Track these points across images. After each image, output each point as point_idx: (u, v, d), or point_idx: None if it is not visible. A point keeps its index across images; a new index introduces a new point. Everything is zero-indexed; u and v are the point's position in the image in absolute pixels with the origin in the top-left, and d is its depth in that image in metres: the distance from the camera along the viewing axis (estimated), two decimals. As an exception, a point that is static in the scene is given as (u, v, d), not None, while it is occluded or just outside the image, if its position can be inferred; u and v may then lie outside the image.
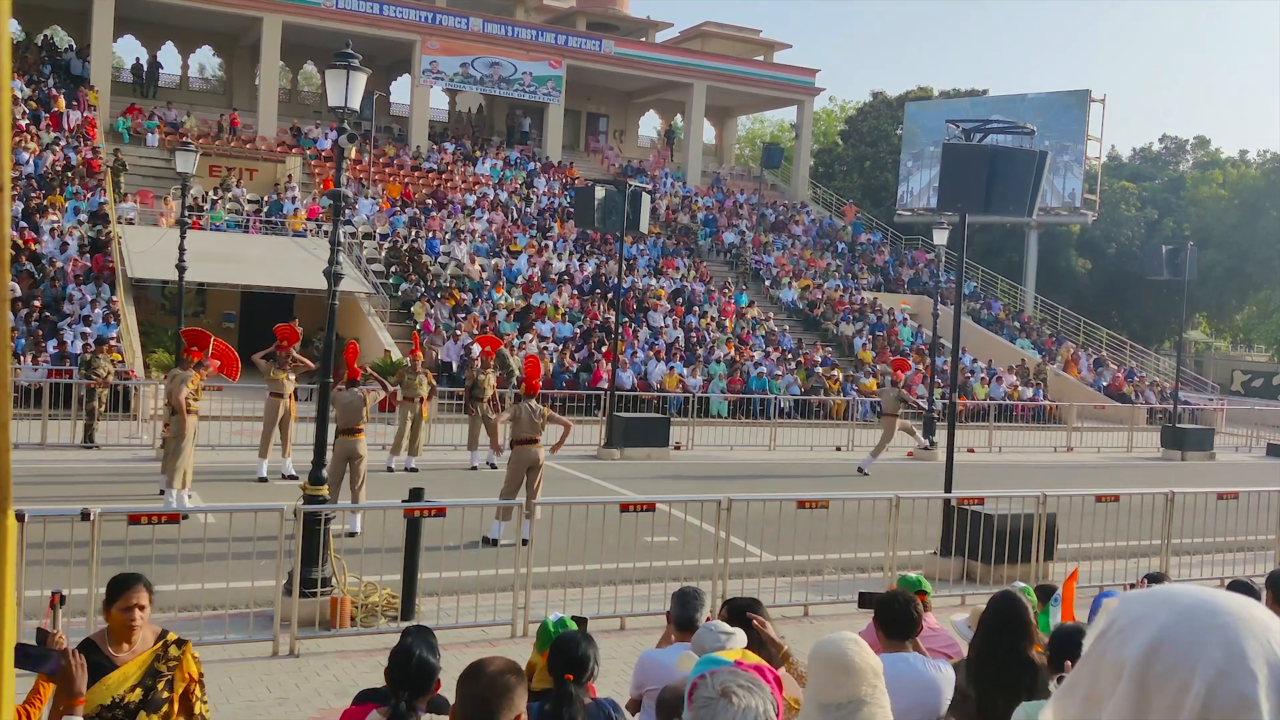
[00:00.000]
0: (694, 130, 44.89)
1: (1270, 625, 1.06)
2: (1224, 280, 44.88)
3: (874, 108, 54.30)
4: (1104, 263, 46.16)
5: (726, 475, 18.21)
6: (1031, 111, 37.86)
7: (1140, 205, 47.41)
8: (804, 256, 39.22)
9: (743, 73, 45.55)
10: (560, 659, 4.14)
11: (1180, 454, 24.98)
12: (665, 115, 51.32)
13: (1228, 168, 49.85)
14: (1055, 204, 41.27)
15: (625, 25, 46.43)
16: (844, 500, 11.02)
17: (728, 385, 26.75)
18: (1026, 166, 11.64)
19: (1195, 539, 12.11)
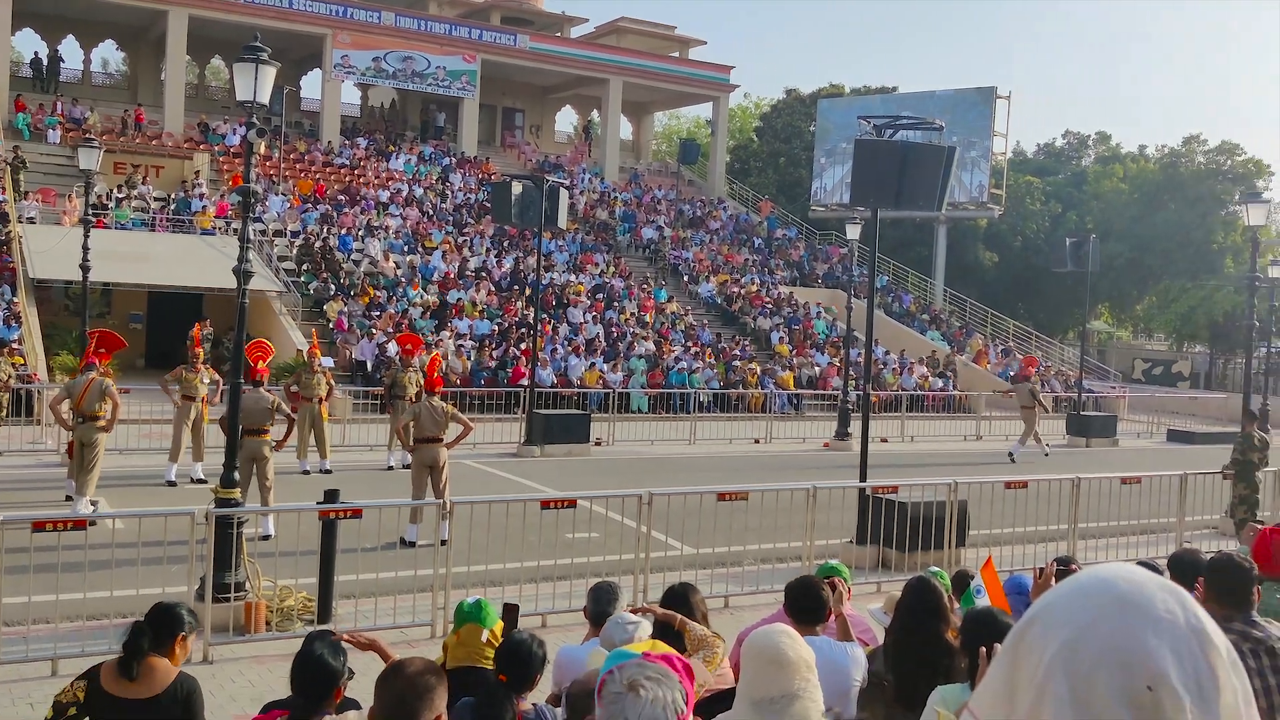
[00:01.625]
0: (611, 126, 44.91)
1: (1188, 609, 1.10)
2: (1125, 271, 46.28)
3: (788, 105, 54.89)
4: (1010, 255, 47.29)
5: (647, 470, 18.28)
6: (940, 108, 38.62)
7: (1044, 199, 48.67)
8: (721, 252, 39.51)
9: (659, 69, 45.70)
10: (503, 659, 4.12)
11: (1085, 441, 25.74)
12: (582, 111, 51.26)
13: (1128, 162, 51.42)
14: (963, 199, 42.19)
15: (540, 20, 46.25)
16: (763, 492, 11.15)
17: (648, 380, 26.84)
18: (935, 162, 11.88)
19: (1101, 523, 12.49)
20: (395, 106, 45.74)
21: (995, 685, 1.13)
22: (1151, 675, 1.03)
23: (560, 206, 20.52)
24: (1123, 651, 1.05)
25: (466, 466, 17.34)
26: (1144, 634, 1.05)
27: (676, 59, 47.60)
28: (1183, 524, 13.15)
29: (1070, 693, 1.05)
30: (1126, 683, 1.04)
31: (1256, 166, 46.51)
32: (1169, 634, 1.06)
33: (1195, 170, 47.03)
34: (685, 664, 2.69)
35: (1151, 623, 1.06)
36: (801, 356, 31.35)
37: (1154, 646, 1.05)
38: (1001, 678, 1.12)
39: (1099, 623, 1.07)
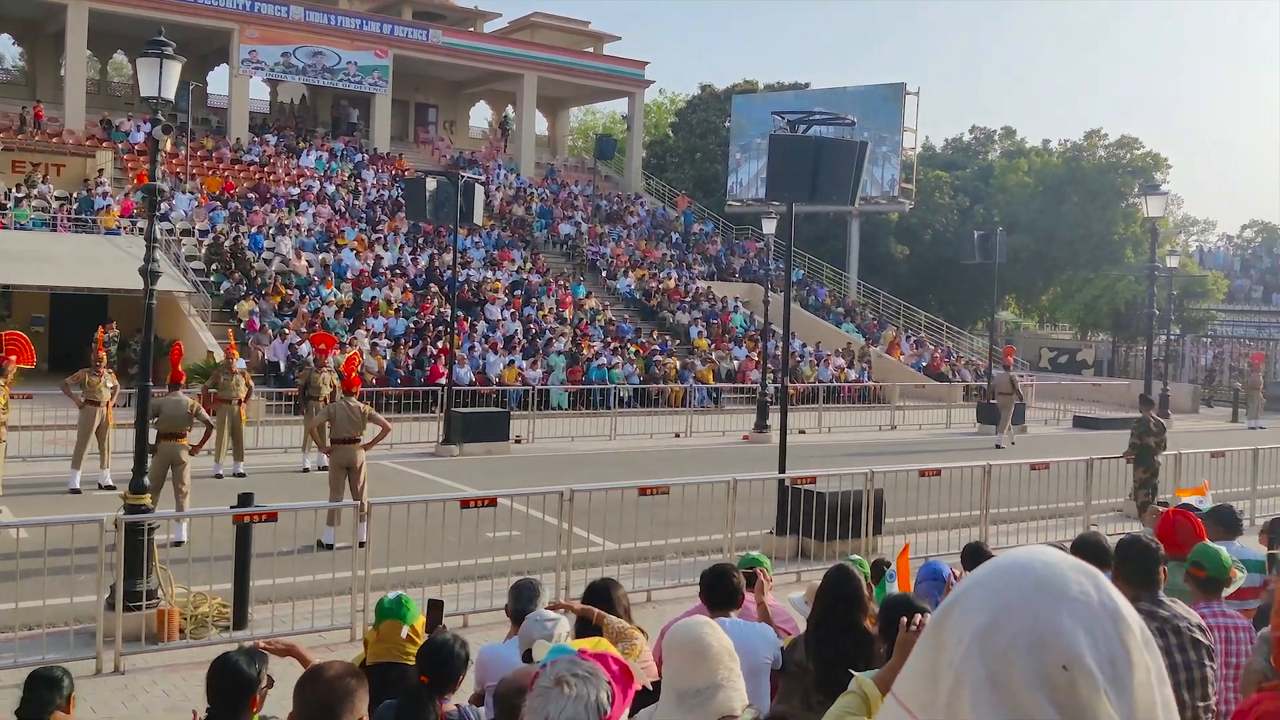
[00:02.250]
0: (526, 122, 44.70)
1: (1102, 590, 1.13)
2: (1031, 263, 47.44)
3: (703, 100, 55.17)
4: (921, 249, 48.19)
5: (568, 466, 18.25)
6: (851, 104, 39.17)
7: (953, 193, 49.67)
8: (639, 247, 39.59)
9: (573, 64, 45.60)
10: (425, 661, 4.08)
11: (995, 428, 26.33)
12: (497, 106, 50.93)
13: (1032, 156, 52.71)
14: (875, 193, 42.87)
15: (453, 15, 45.82)
16: (684, 485, 11.23)
17: (567, 377, 26.79)
18: (848, 157, 12.05)
19: (1011, 508, 12.82)
20: (306, 102, 44.94)
21: (918, 669, 1.15)
22: (1066, 655, 1.06)
23: (476, 203, 20.36)
24: (1038, 633, 1.07)
25: (384, 467, 17.14)
26: (1059, 615, 1.08)
27: (591, 54, 47.53)
28: (1089, 507, 13.54)
29: (988, 674, 1.07)
30: (1042, 663, 1.06)
31: (1154, 160, 48.03)
32: (1083, 614, 1.08)
33: (1096, 164, 48.38)
34: (623, 665, 2.70)
35: (1066, 604, 1.09)
36: (720, 350, 31.57)
37: (1068, 627, 1.07)
38: (924, 661, 1.14)
39: (1015, 605, 1.10)
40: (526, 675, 3.13)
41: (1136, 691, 1.07)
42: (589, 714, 2.41)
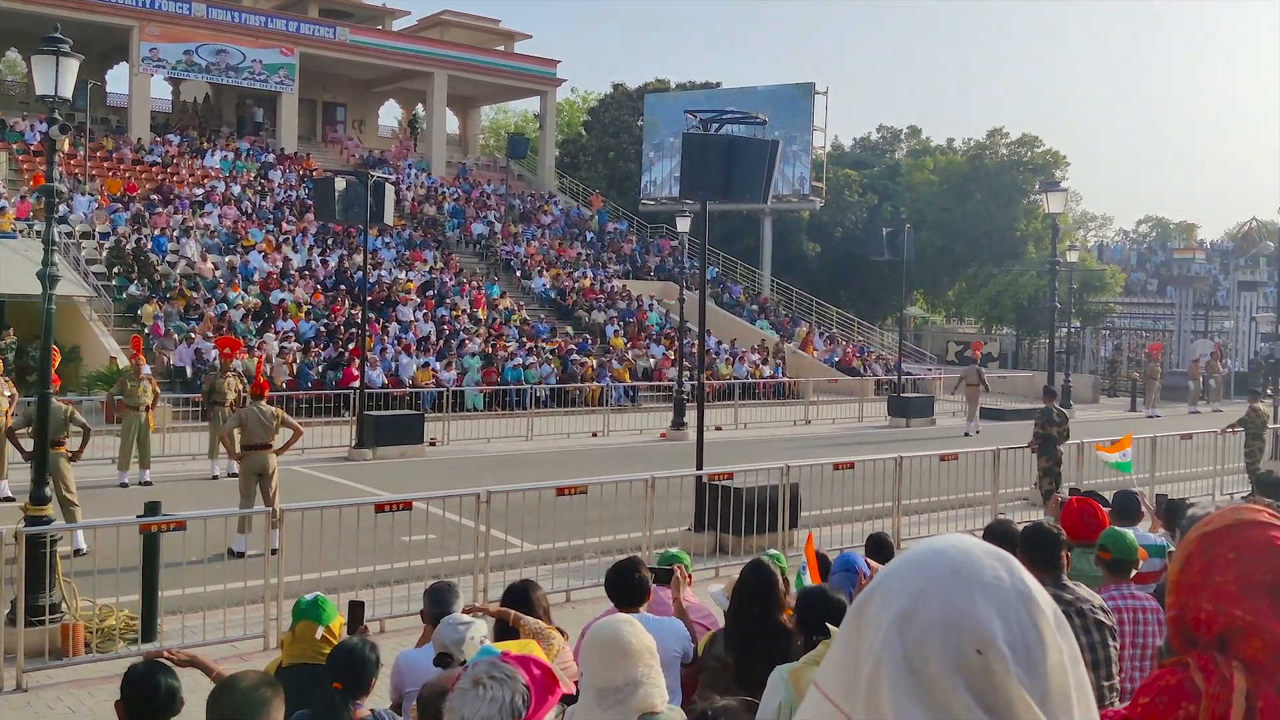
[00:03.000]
0: (436, 120, 44.28)
1: (1015, 574, 1.15)
2: (937, 259, 48.41)
3: (615, 99, 55.23)
4: (832, 246, 48.89)
5: (485, 468, 18.13)
6: (762, 103, 39.57)
7: (862, 191, 50.48)
8: (553, 246, 39.49)
9: (484, 62, 45.29)
10: (335, 666, 4.03)
11: (905, 421, 26.88)
12: (406, 105, 50.35)
13: (937, 155, 53.80)
14: (786, 191, 43.37)
15: (360, 12, 45.16)
16: (601, 484, 11.23)
17: (482, 378, 26.60)
18: (761, 155, 12.18)
19: (922, 499, 13.08)
20: (210, 101, 43.91)
21: (840, 658, 1.17)
22: (980, 639, 1.08)
23: (386, 202, 20.11)
24: (952, 618, 1.10)
25: (296, 472, 16.83)
26: (973, 600, 1.11)
27: (502, 53, 47.27)
28: (996, 496, 13.88)
29: (904, 660, 1.09)
30: (956, 647, 1.08)
31: (1054, 157, 49.36)
32: (996, 599, 1.11)
33: (999, 162, 49.56)
34: (545, 668, 2.70)
35: (980, 588, 1.11)
36: (636, 349, 31.65)
37: (982, 611, 1.10)
38: (845, 650, 1.16)
39: (931, 591, 1.12)
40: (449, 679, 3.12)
41: (1050, 673, 1.10)
42: (503, 715, 2.42)
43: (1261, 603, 1.57)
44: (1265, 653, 1.55)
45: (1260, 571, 1.59)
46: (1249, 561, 1.60)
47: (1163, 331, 47.92)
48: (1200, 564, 1.64)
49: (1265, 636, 1.55)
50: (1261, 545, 1.61)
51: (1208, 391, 34.96)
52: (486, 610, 4.99)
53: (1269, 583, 1.58)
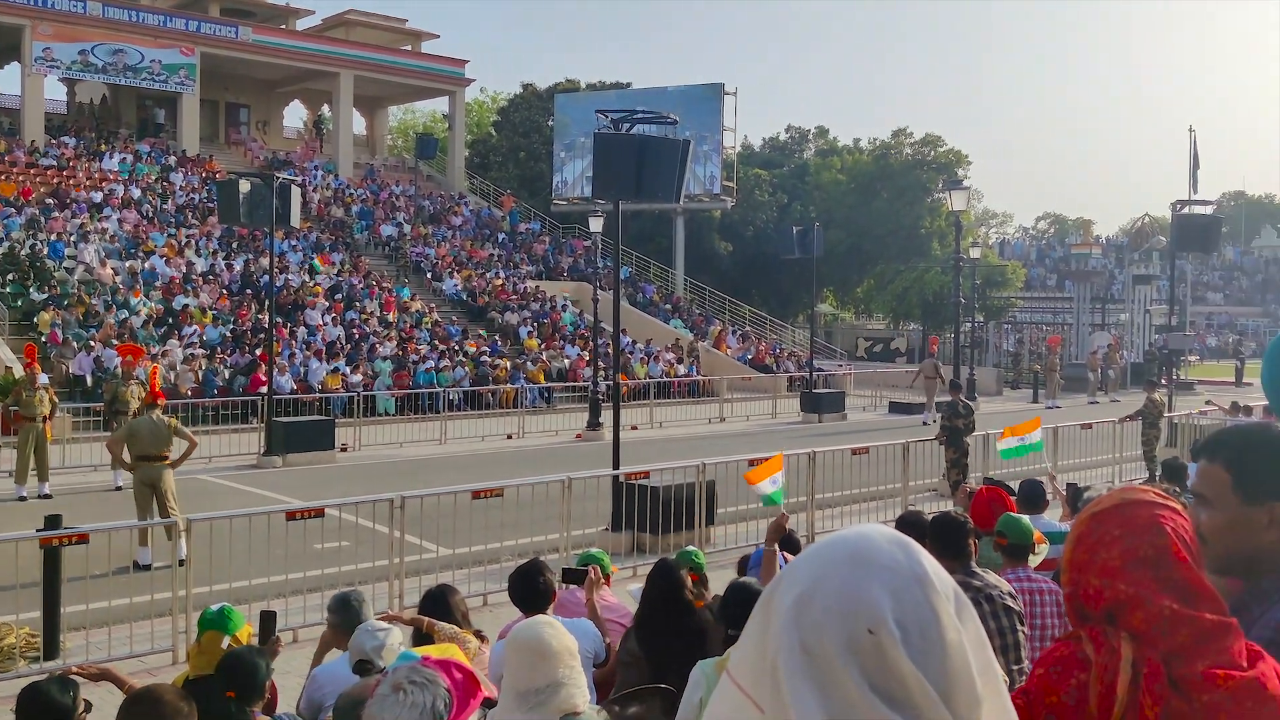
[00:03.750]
0: (343, 121, 43.62)
1: (912, 556, 1.18)
2: (846, 257, 49.14)
3: (525, 99, 54.97)
4: (743, 245, 49.32)
5: (398, 473, 17.92)
6: (672, 103, 39.73)
7: (772, 191, 51.01)
8: (465, 247, 39.18)
9: (391, 62, 44.74)
10: (226, 675, 3.96)
11: (818, 416, 27.26)
12: (312, 105, 49.50)
13: (844, 154, 54.61)
14: (698, 191, 43.66)
15: (263, 11, 44.26)
16: (518, 486, 11.17)
17: (394, 381, 26.27)
18: (672, 154, 12.23)
19: (835, 492, 13.28)
20: (107, 103, 42.60)
21: (749, 645, 1.19)
22: (872, 620, 1.11)
23: (292, 204, 19.74)
24: (847, 600, 1.12)
25: (203, 482, 16.45)
26: (867, 582, 1.14)
27: (409, 52, 46.75)
28: (907, 488, 14.16)
29: (801, 644, 1.12)
30: (850, 630, 1.11)
31: (956, 156, 50.47)
32: (891, 580, 1.14)
33: (903, 161, 50.50)
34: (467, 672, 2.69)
35: (876, 571, 1.15)
36: (550, 349, 31.56)
37: (875, 593, 1.13)
38: (754, 638, 1.19)
39: (828, 576, 1.15)
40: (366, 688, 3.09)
41: (949, 652, 1.13)
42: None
43: (1144, 576, 1.65)
44: (1148, 624, 1.62)
45: (1143, 547, 1.67)
46: (1133, 538, 1.68)
47: (1062, 324, 49.32)
48: (1089, 542, 1.72)
49: (1148, 608, 1.63)
50: (1145, 523, 1.69)
51: (1106, 382, 36.09)
52: (400, 618, 4.96)
53: (1152, 558, 1.66)
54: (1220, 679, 1.58)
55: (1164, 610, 1.62)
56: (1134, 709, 1.59)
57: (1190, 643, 1.61)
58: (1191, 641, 1.61)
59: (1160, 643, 1.61)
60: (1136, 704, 1.59)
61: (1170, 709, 1.58)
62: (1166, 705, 1.58)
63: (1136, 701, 1.59)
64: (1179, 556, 1.67)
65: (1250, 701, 1.57)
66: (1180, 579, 1.65)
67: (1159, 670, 1.59)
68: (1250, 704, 1.57)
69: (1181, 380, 33.49)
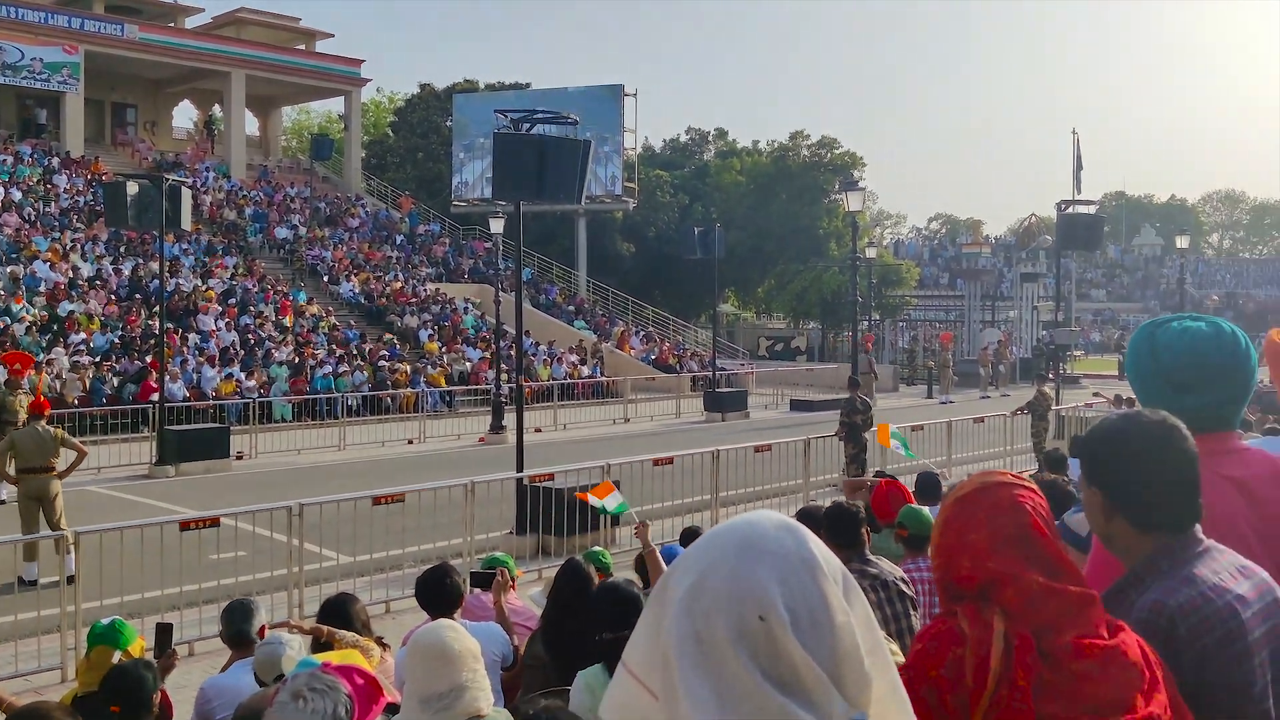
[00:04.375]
0: (235, 121, 42.59)
1: (801, 542, 1.21)
2: (747, 257, 49.70)
3: (422, 99, 54.38)
4: (646, 245, 49.55)
5: (296, 480, 17.58)
6: (573, 104, 39.59)
7: (673, 192, 51.35)
8: (362, 250, 38.58)
9: (284, 61, 43.85)
10: (110, 690, 3.86)
11: (721, 415, 27.53)
12: (202, 105, 48.23)
13: (744, 156, 55.25)
14: (599, 192, 43.72)
15: (150, 9, 42.97)
16: (419, 491, 11.05)
17: (291, 387, 25.72)
18: (573, 155, 12.21)
19: (739, 490, 13.44)
20: (-17, 101, 40.92)
21: (643, 635, 1.21)
22: (761, 605, 1.13)
23: (183, 207, 19.21)
24: (736, 588, 1.15)
25: (92, 493, 15.90)
26: (756, 569, 1.16)
27: (303, 51, 45.88)
28: (808, 484, 14.41)
29: (693, 633, 1.14)
30: (740, 617, 1.13)
31: (852, 158, 51.44)
32: (780, 567, 1.17)
33: (801, 163, 51.28)
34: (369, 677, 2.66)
35: (764, 557, 1.17)
36: (452, 353, 31.25)
37: (764, 579, 1.15)
38: (648, 628, 1.20)
39: (718, 564, 1.18)
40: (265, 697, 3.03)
41: (838, 634, 1.16)
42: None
43: (1012, 554, 1.74)
44: (1018, 599, 1.71)
45: (1008, 526, 1.76)
46: (999, 519, 1.77)
47: (954, 322, 50.63)
48: (957, 526, 1.81)
49: (1017, 584, 1.72)
50: (1008, 503, 1.78)
51: (996, 377, 37.16)
52: (300, 628, 4.88)
53: (1018, 536, 1.75)
54: (1086, 648, 1.68)
55: (1033, 585, 1.71)
56: (1007, 679, 1.66)
57: (1058, 615, 1.70)
58: (1059, 614, 1.70)
59: (1030, 616, 1.70)
60: (1009, 675, 1.66)
61: (1041, 679, 1.66)
62: (1037, 675, 1.66)
63: (1009, 672, 1.66)
64: (1041, 533, 1.76)
65: (1114, 668, 1.67)
66: (1045, 554, 1.74)
67: (1029, 642, 1.68)
68: (1114, 670, 1.67)
69: (1068, 375, 34.66)
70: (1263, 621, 1.93)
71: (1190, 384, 2.44)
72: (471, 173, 45.76)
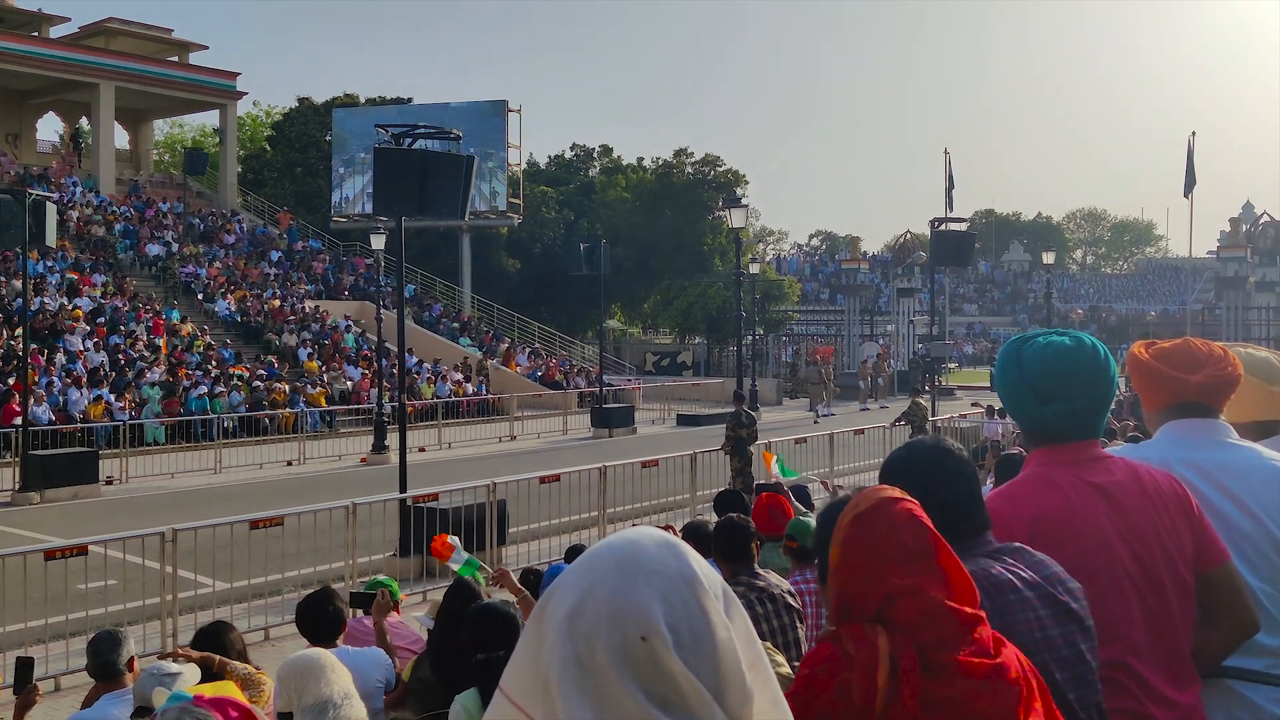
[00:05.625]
0: (104, 134, 41.11)
1: (681, 558, 1.20)
2: (633, 273, 49.99)
3: (301, 113, 53.32)
4: (531, 262, 49.41)
5: (170, 505, 16.97)
6: (456, 120, 39.33)
7: (559, 208, 51.35)
8: (238, 267, 37.56)
9: (156, 73, 42.52)
10: None
11: (608, 431, 27.56)
12: (69, 118, 46.45)
13: (629, 173, 55.59)
14: (484, 208, 43.46)
15: (12, 18, 41.23)
16: (299, 514, 10.78)
17: (164, 409, 24.84)
18: (457, 171, 12.10)
19: (627, 505, 13.46)
20: None
21: (523, 659, 1.19)
22: (643, 626, 1.12)
23: (47, 223, 18.42)
24: (617, 609, 1.13)
25: (-53, 523, 15.09)
26: (636, 588, 1.15)
27: (176, 64, 44.55)
28: (695, 498, 14.51)
29: (574, 655, 1.12)
30: (621, 637, 1.12)
31: (735, 176, 52.20)
32: (661, 585, 1.15)
33: (685, 180, 51.83)
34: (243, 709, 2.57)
35: (644, 576, 1.16)
36: (332, 371, 30.62)
37: (645, 598, 1.14)
38: (528, 651, 1.18)
39: (598, 585, 1.16)
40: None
41: (720, 651, 1.16)
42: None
43: (915, 569, 1.75)
44: (919, 615, 1.72)
45: (911, 541, 1.77)
46: (900, 533, 1.78)
47: (835, 336, 51.71)
48: (860, 543, 1.78)
49: (918, 597, 1.73)
50: (906, 517, 1.79)
51: (875, 390, 38.05)
52: (189, 656, 4.69)
53: (918, 550, 1.76)
54: (974, 666, 1.71)
55: (934, 602, 1.73)
56: (895, 699, 1.67)
57: (950, 634, 1.73)
58: (951, 633, 1.73)
59: (924, 633, 1.71)
60: (897, 694, 1.67)
61: (928, 696, 1.68)
62: (924, 693, 1.67)
63: (897, 692, 1.67)
64: (941, 546, 1.78)
65: (998, 685, 1.72)
66: (944, 569, 1.76)
67: (915, 660, 1.69)
68: (998, 687, 1.72)
69: (943, 386, 35.67)
70: (1044, 604, 2.10)
71: (1053, 394, 2.55)
72: (352, 188, 45.00)
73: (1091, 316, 69.75)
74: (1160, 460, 2.73)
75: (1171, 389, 2.95)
